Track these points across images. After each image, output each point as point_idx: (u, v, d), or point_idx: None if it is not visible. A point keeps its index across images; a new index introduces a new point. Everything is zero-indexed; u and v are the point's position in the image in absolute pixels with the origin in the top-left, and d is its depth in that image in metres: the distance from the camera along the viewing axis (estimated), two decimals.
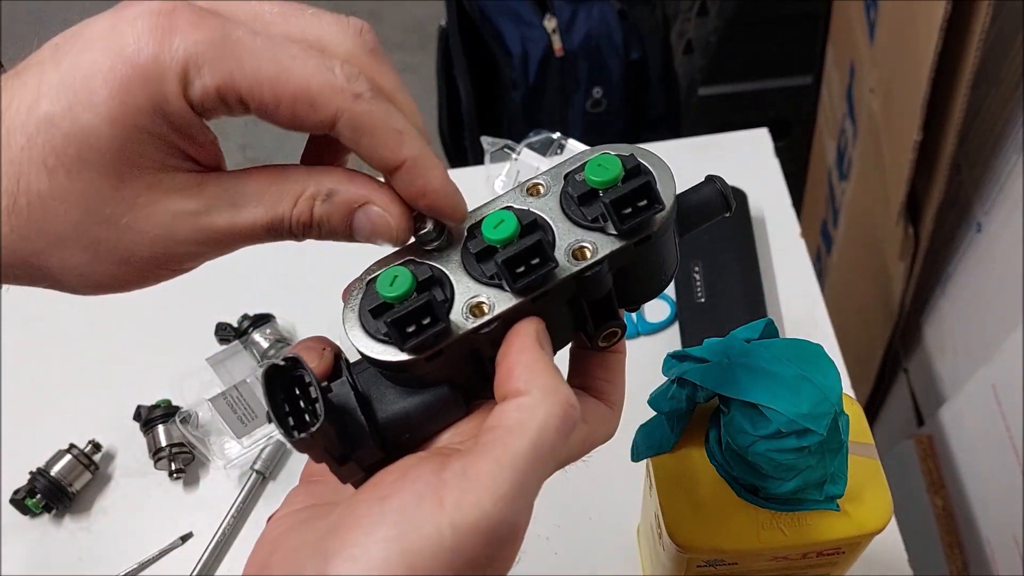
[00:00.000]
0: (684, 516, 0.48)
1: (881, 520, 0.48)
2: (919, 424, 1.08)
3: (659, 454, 0.49)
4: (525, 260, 0.31)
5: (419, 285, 0.31)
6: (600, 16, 1.33)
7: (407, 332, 0.30)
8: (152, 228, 0.30)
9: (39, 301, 0.85)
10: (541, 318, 0.32)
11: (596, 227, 0.32)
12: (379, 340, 0.31)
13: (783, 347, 0.44)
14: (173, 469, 0.73)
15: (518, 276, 0.31)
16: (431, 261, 0.33)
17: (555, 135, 0.87)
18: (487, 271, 0.32)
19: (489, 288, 0.32)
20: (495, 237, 0.31)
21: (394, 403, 0.32)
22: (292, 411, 0.30)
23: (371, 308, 0.31)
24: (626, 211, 0.31)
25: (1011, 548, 0.83)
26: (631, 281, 0.34)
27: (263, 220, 0.31)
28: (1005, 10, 0.78)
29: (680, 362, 0.46)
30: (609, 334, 0.35)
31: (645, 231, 0.32)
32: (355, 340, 0.32)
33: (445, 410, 0.33)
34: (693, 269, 0.81)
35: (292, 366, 0.30)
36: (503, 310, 0.31)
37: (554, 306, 0.32)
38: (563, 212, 0.33)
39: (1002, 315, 0.86)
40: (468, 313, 0.31)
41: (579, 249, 0.32)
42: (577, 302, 0.33)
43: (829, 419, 0.42)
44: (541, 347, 0.31)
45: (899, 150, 0.92)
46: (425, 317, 0.30)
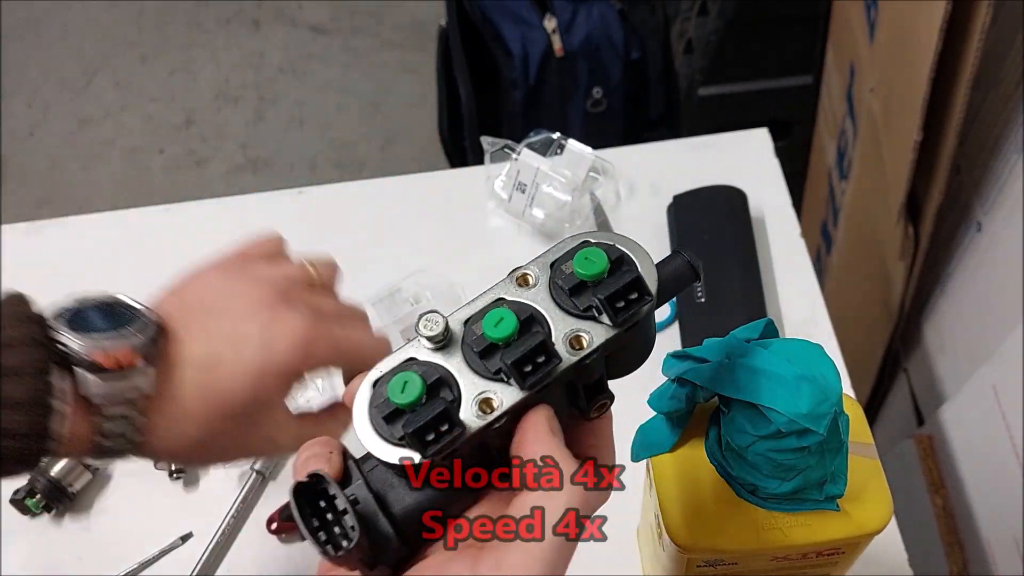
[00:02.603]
0: (684, 516, 0.48)
1: (881, 520, 0.48)
2: (919, 424, 1.08)
3: (659, 454, 0.49)
4: (531, 359, 0.32)
5: (429, 389, 0.32)
6: (600, 16, 1.33)
7: (427, 440, 0.31)
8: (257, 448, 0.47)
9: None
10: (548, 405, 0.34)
11: (588, 316, 0.34)
12: (395, 444, 0.32)
13: (783, 347, 0.44)
14: (173, 469, 0.73)
15: (526, 375, 0.32)
16: (434, 360, 0.34)
17: (555, 135, 0.87)
18: (491, 367, 0.33)
19: (495, 383, 0.33)
20: (497, 336, 0.33)
21: (408, 496, 0.34)
22: (321, 524, 0.31)
23: (384, 415, 0.32)
24: (619, 305, 0.33)
25: (1011, 548, 0.83)
26: (619, 360, 0.36)
27: None
28: (1005, 10, 0.78)
29: (680, 362, 0.46)
30: (600, 406, 0.36)
31: (636, 319, 0.34)
32: (371, 447, 0.33)
33: (457, 499, 0.35)
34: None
35: (316, 482, 0.32)
36: (512, 404, 0.33)
37: (554, 392, 0.34)
38: (555, 302, 0.34)
39: (1002, 315, 0.86)
40: (478, 409, 0.33)
41: (576, 339, 0.34)
42: (573, 385, 0.35)
43: (829, 419, 0.42)
44: (553, 435, 0.33)
45: (899, 150, 0.92)
46: (443, 424, 0.31)
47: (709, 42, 1.40)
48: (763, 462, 0.44)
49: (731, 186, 0.86)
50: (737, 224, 0.84)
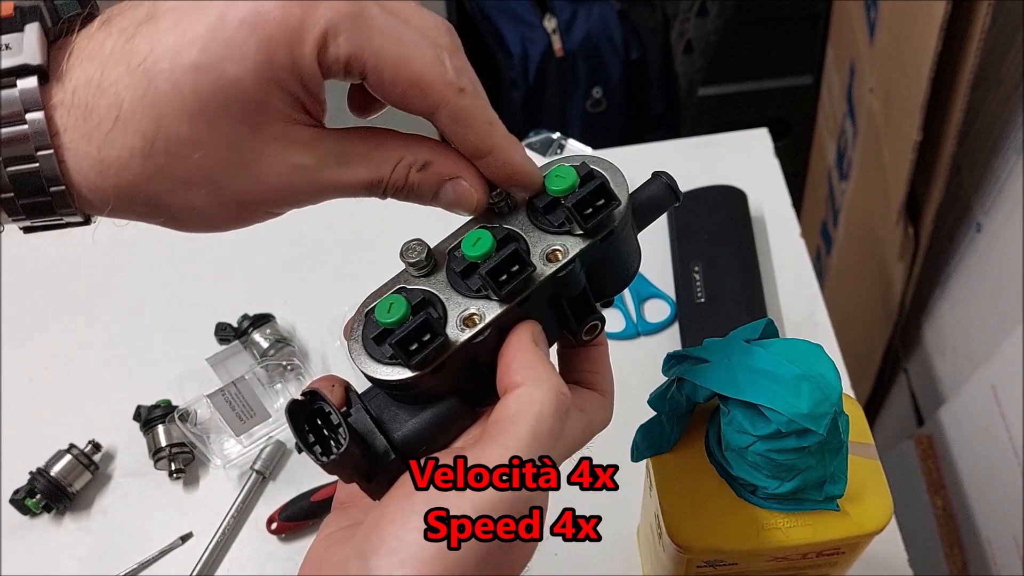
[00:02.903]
0: (684, 516, 0.48)
1: (881, 520, 0.48)
2: (919, 424, 1.08)
3: (659, 454, 0.49)
4: (506, 268, 0.34)
5: (414, 308, 0.34)
6: (600, 16, 1.33)
7: (411, 350, 0.33)
8: (274, 178, 0.32)
9: (39, 301, 0.85)
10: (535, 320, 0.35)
11: (563, 231, 0.36)
12: (385, 363, 0.34)
13: (783, 347, 0.44)
14: (173, 469, 0.73)
15: (502, 284, 0.34)
16: (421, 286, 0.36)
17: (555, 135, 0.87)
18: (473, 285, 0.35)
19: (477, 300, 0.35)
20: (475, 253, 0.34)
21: (407, 420, 0.35)
22: (317, 439, 0.33)
23: (374, 336, 0.34)
24: (587, 211, 0.35)
25: (1011, 548, 0.83)
26: (601, 276, 0.37)
27: (365, 179, 0.34)
28: (1005, 10, 0.78)
29: (680, 362, 0.46)
30: (591, 327, 0.38)
31: (607, 227, 0.35)
32: (364, 367, 0.34)
33: (455, 419, 0.36)
34: (693, 269, 0.81)
35: (311, 399, 0.34)
36: (493, 317, 0.34)
37: (539, 308, 0.36)
38: (532, 223, 0.36)
39: (1002, 315, 0.86)
40: (462, 325, 0.34)
41: (552, 252, 0.35)
42: (557, 302, 0.36)
43: (829, 419, 0.42)
44: (536, 344, 0.35)
45: (899, 150, 0.92)
46: (425, 334, 0.33)
47: (709, 42, 1.40)
48: (763, 462, 0.44)
49: (731, 186, 0.86)
50: (737, 224, 0.84)
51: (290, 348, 0.78)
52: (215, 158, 0.31)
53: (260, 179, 0.32)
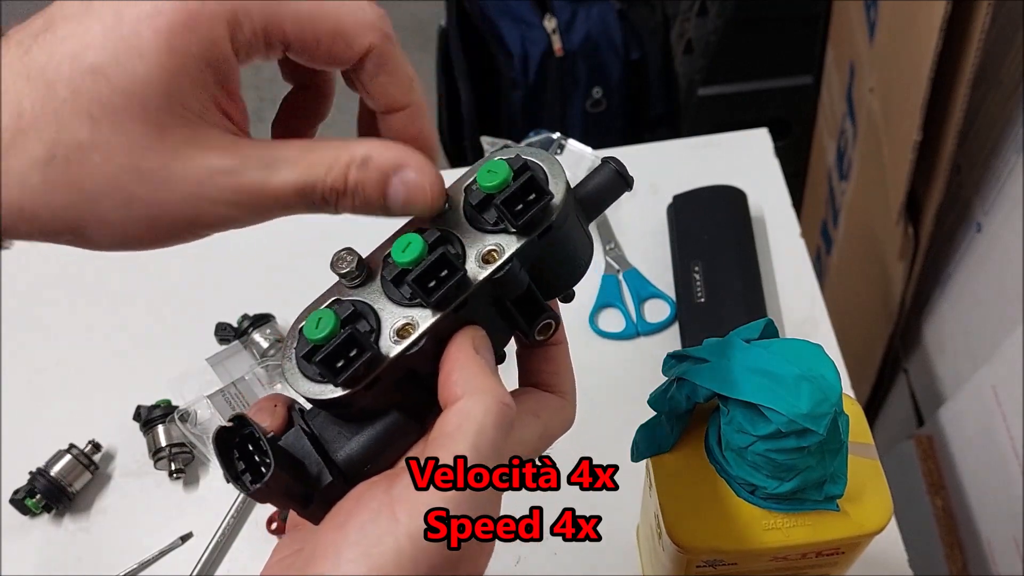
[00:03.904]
0: (684, 516, 0.48)
1: (881, 520, 0.48)
2: (919, 424, 1.08)
3: (659, 454, 0.49)
4: (435, 274, 0.32)
5: (343, 321, 0.32)
6: (600, 16, 1.33)
7: (337, 368, 0.31)
8: (186, 185, 0.30)
9: (39, 301, 0.85)
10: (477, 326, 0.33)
11: (499, 229, 0.33)
12: (317, 381, 0.32)
13: (783, 347, 0.44)
14: (173, 469, 0.73)
15: (431, 290, 0.32)
16: (354, 297, 0.34)
17: (555, 135, 0.87)
18: (406, 293, 0.33)
19: (412, 309, 0.33)
20: (406, 259, 0.32)
21: (349, 439, 0.33)
22: (249, 467, 0.31)
23: (304, 353, 0.32)
24: (518, 208, 0.33)
25: (1011, 548, 0.83)
26: (547, 272, 0.35)
27: (296, 183, 0.31)
28: (1005, 10, 0.78)
29: (680, 362, 0.46)
30: (543, 327, 0.36)
31: (543, 223, 0.33)
32: (295, 386, 0.33)
33: (399, 435, 0.34)
34: (693, 269, 0.81)
35: (240, 424, 0.32)
36: (427, 326, 0.32)
37: (481, 312, 0.34)
38: (467, 223, 0.34)
39: (1002, 315, 0.86)
40: (396, 337, 0.32)
41: (487, 253, 0.33)
42: (502, 304, 0.34)
43: (829, 419, 0.42)
44: (477, 353, 0.32)
45: (899, 150, 0.92)
46: (351, 350, 0.31)
47: (709, 42, 1.40)
48: (763, 462, 0.44)
49: (731, 186, 0.86)
50: (737, 224, 0.84)
51: None
52: (120, 164, 0.29)
53: (172, 187, 0.30)
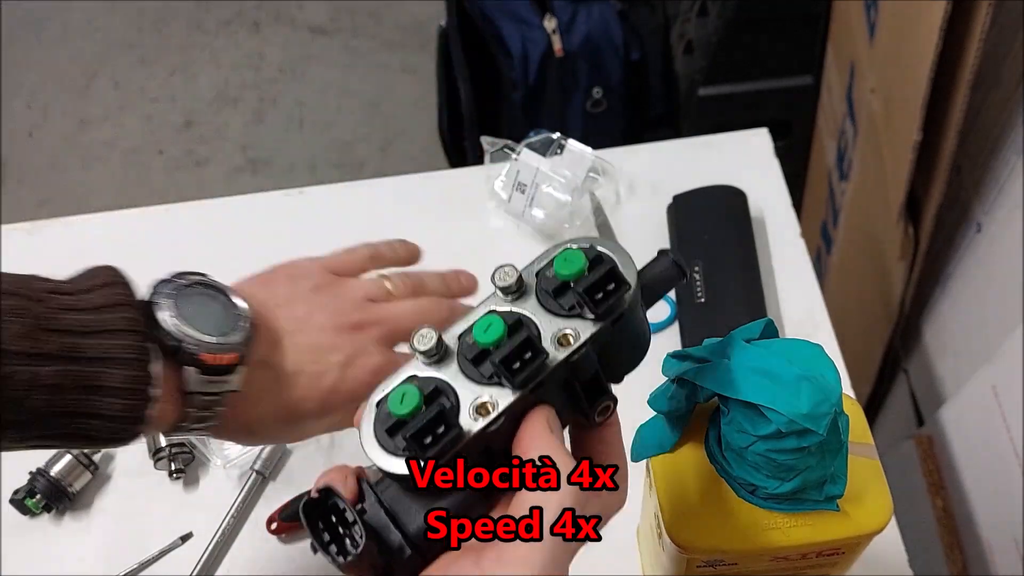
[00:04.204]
0: (684, 516, 0.48)
1: (881, 520, 0.48)
2: (919, 424, 1.08)
3: (659, 454, 0.49)
4: (519, 356, 0.34)
5: (426, 398, 0.34)
6: (600, 16, 1.33)
7: (425, 444, 0.33)
8: None
9: None
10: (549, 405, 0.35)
11: (574, 314, 0.35)
12: (399, 455, 0.34)
13: (783, 347, 0.44)
14: (173, 469, 0.73)
15: (515, 372, 0.34)
16: (432, 373, 0.35)
17: (555, 135, 0.87)
18: (485, 373, 0.35)
19: (490, 387, 0.34)
20: (487, 340, 0.34)
21: (421, 511, 0.35)
22: (333, 538, 0.33)
23: (387, 428, 0.34)
24: (598, 296, 0.35)
25: (1011, 549, 0.83)
26: (612, 357, 0.37)
27: None
28: (1005, 10, 0.78)
29: (680, 362, 0.46)
30: (603, 408, 0.37)
31: (618, 311, 0.35)
32: (378, 460, 0.34)
33: (468, 509, 0.35)
34: (693, 269, 0.81)
35: (325, 496, 0.33)
36: (507, 405, 0.34)
37: (552, 392, 0.36)
38: (542, 306, 0.36)
39: (1002, 315, 0.86)
40: (475, 414, 0.34)
41: (563, 336, 0.35)
42: (570, 384, 0.36)
43: (829, 419, 0.42)
44: (551, 431, 0.34)
45: (899, 150, 0.92)
46: (439, 426, 0.33)
47: (709, 42, 1.40)
48: (763, 462, 0.44)
49: (731, 186, 0.86)
50: (737, 224, 0.84)
51: None
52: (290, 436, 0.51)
53: None
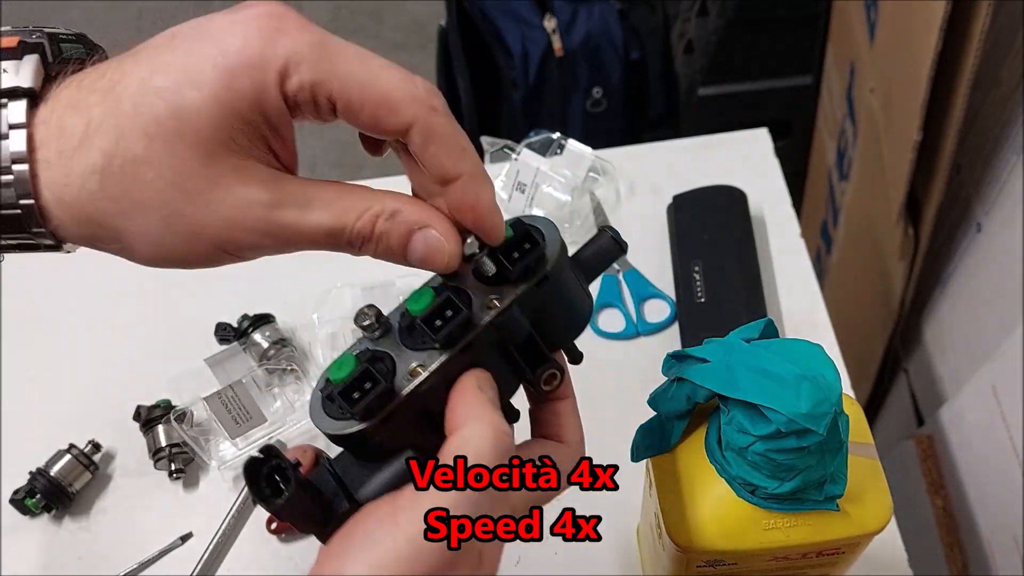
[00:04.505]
0: (684, 516, 0.48)
1: (881, 520, 0.48)
2: (919, 424, 1.08)
3: (659, 454, 0.49)
4: (441, 315, 0.35)
5: (363, 364, 0.35)
6: (600, 16, 1.33)
7: (353, 399, 0.34)
8: (226, 210, 0.33)
9: (39, 301, 0.85)
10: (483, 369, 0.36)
11: (502, 282, 0.37)
12: (338, 419, 0.35)
13: (783, 347, 0.44)
14: (173, 469, 0.73)
15: (438, 329, 0.35)
16: (375, 347, 0.37)
17: (555, 135, 0.87)
18: (419, 340, 0.36)
19: (423, 353, 0.36)
20: (417, 308, 0.35)
21: (368, 477, 0.36)
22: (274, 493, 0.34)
23: (328, 394, 0.35)
24: (514, 256, 0.36)
25: (1011, 548, 0.83)
26: (548, 323, 0.38)
27: (327, 225, 0.34)
28: (1005, 10, 0.78)
29: (680, 362, 0.46)
30: (548, 376, 0.39)
31: (539, 271, 0.37)
32: (318, 423, 0.36)
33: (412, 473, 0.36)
34: (693, 269, 0.81)
35: (268, 455, 0.35)
36: (436, 365, 0.36)
37: (488, 358, 0.37)
38: (476, 279, 0.38)
39: (1002, 315, 0.86)
40: (409, 377, 0.36)
41: (489, 301, 0.37)
42: (507, 351, 0.38)
43: (829, 419, 0.42)
44: (480, 390, 0.35)
45: (899, 150, 0.92)
46: (366, 383, 0.34)
47: (709, 42, 1.40)
48: (763, 462, 0.44)
49: (731, 186, 0.86)
50: (737, 224, 0.84)
51: (290, 349, 0.78)
52: (168, 181, 0.32)
53: (212, 209, 0.32)
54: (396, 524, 0.32)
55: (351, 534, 0.33)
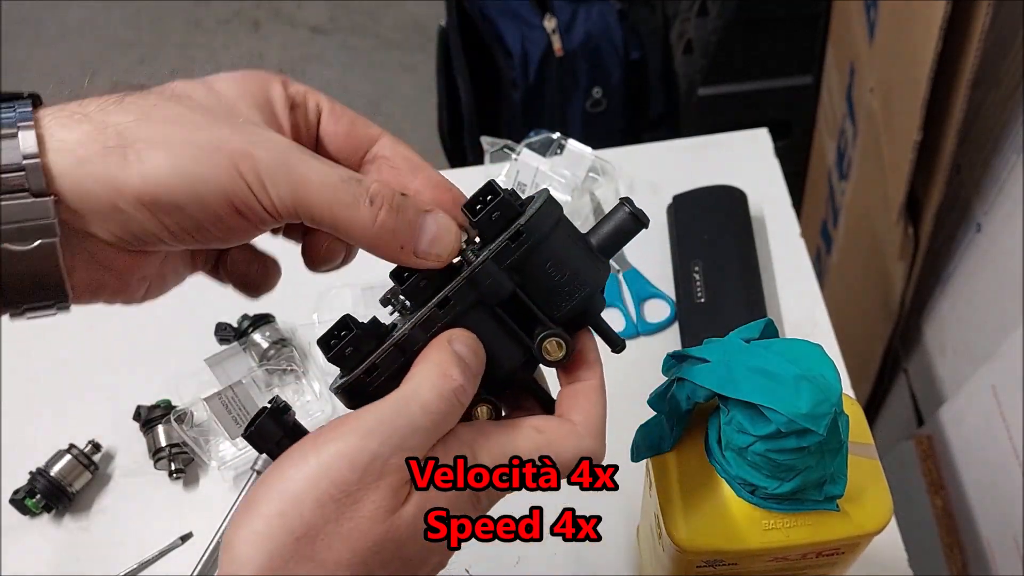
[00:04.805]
0: (684, 516, 0.48)
1: (881, 520, 0.48)
2: (919, 424, 1.08)
3: (659, 454, 0.49)
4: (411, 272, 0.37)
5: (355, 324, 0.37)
6: (600, 16, 1.33)
7: (330, 344, 0.37)
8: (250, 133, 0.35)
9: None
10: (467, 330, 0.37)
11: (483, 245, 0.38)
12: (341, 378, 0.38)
13: (783, 347, 0.44)
14: (173, 469, 0.73)
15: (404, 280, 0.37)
16: None
17: (555, 135, 0.87)
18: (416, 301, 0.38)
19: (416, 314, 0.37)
20: None
21: None
22: None
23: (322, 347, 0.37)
24: (477, 207, 0.37)
25: (1011, 548, 0.83)
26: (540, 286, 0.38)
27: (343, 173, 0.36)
28: (1005, 10, 0.78)
29: (680, 362, 0.46)
30: (549, 345, 0.38)
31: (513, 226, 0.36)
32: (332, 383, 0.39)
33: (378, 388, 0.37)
34: (693, 269, 0.81)
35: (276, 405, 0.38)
36: (414, 319, 0.37)
37: (476, 320, 0.37)
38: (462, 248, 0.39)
39: (1002, 315, 0.86)
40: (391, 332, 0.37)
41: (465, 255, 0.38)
42: (496, 313, 0.38)
43: (829, 419, 0.42)
44: (449, 344, 0.36)
45: (899, 150, 0.92)
46: (342, 331, 0.37)
47: (709, 42, 1.40)
48: (763, 462, 0.44)
49: (731, 186, 0.86)
50: (737, 224, 0.84)
51: (289, 349, 0.78)
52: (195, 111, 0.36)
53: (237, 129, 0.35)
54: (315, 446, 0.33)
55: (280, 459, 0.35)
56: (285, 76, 0.38)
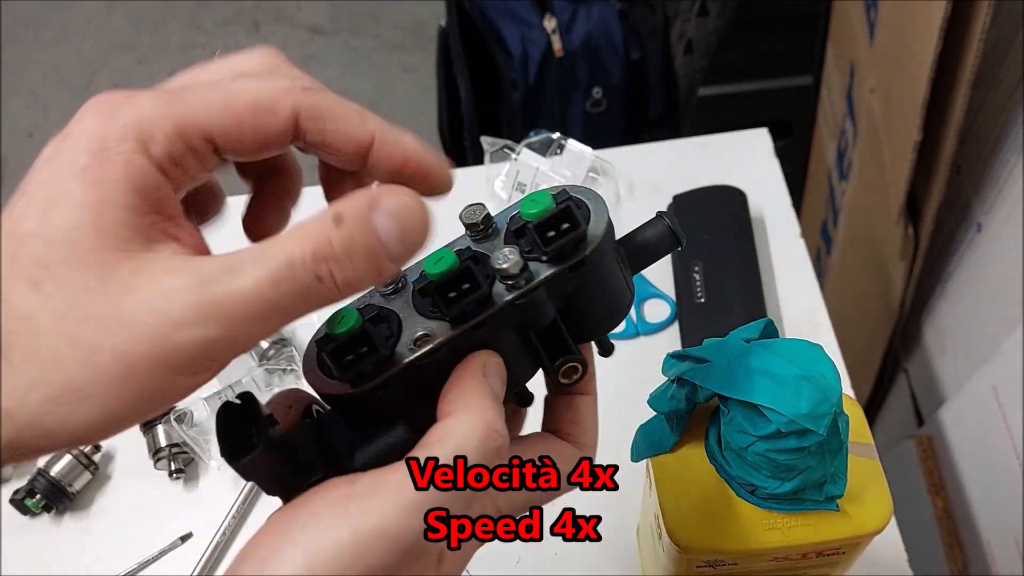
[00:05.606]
0: (684, 516, 0.48)
1: (881, 520, 0.48)
2: (919, 424, 1.08)
3: (659, 454, 0.49)
4: (456, 286, 0.31)
5: (366, 323, 0.32)
6: (600, 16, 1.33)
7: (344, 361, 0.31)
8: (144, 315, 0.26)
9: None
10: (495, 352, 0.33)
11: (533, 258, 0.33)
12: (330, 377, 0.32)
13: (783, 347, 0.44)
14: (173, 469, 0.73)
15: (450, 302, 0.31)
16: (384, 303, 0.34)
17: (555, 135, 0.87)
18: (432, 306, 0.33)
19: (435, 322, 0.32)
20: (435, 271, 0.31)
21: (353, 446, 0.33)
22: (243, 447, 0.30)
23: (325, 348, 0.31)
24: (550, 234, 0.32)
25: (1011, 549, 0.83)
26: (579, 312, 0.34)
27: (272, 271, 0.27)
28: (1005, 10, 0.78)
29: (680, 362, 0.46)
30: (568, 369, 0.34)
31: (575, 255, 0.32)
32: (307, 376, 0.32)
33: (402, 448, 0.32)
34: (693, 269, 0.81)
35: (246, 404, 0.32)
36: (442, 339, 0.32)
37: (503, 338, 0.33)
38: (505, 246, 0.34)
39: (1002, 315, 0.86)
40: (413, 345, 0.32)
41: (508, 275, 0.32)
42: (526, 335, 0.34)
43: (829, 419, 0.42)
44: (483, 375, 0.32)
45: (899, 150, 0.92)
46: (362, 347, 0.31)
47: (709, 42, 1.40)
48: (763, 462, 0.44)
49: (731, 186, 0.86)
50: (737, 224, 0.84)
51: (289, 349, 0.78)
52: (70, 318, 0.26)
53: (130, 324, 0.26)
54: (346, 512, 0.29)
55: (298, 511, 0.30)
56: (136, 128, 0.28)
